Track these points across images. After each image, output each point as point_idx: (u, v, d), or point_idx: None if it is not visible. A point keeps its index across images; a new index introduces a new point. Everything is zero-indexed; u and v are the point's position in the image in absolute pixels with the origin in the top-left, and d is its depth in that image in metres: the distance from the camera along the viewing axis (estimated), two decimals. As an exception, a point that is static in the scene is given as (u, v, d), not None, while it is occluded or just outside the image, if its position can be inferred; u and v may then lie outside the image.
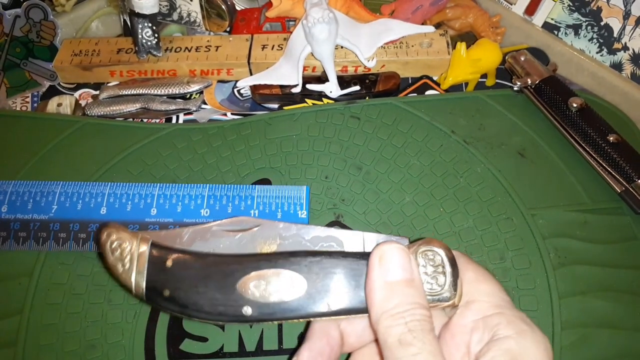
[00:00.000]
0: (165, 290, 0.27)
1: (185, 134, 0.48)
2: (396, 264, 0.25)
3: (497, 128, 0.48)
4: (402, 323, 0.23)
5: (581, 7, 0.52)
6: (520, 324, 0.24)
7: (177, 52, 0.55)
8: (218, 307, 0.27)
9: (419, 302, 0.24)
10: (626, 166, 0.42)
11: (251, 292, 0.26)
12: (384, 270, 0.25)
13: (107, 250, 0.28)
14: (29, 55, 0.56)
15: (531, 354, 0.23)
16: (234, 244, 0.29)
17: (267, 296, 0.26)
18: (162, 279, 0.27)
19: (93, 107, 0.52)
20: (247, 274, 0.26)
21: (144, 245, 0.28)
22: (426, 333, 0.23)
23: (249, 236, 0.29)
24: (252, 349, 0.38)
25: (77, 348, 0.38)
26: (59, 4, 0.59)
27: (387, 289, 0.24)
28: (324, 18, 0.48)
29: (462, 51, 0.50)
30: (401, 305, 0.24)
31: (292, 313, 0.26)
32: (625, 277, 0.39)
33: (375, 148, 0.47)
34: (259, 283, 0.26)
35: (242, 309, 0.26)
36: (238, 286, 0.26)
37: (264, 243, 0.29)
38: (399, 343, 0.23)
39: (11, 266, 0.41)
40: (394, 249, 0.25)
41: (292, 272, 0.26)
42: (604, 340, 0.37)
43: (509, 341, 0.23)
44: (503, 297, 0.26)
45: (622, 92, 0.51)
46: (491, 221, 0.42)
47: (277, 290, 0.26)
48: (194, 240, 0.29)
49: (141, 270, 0.27)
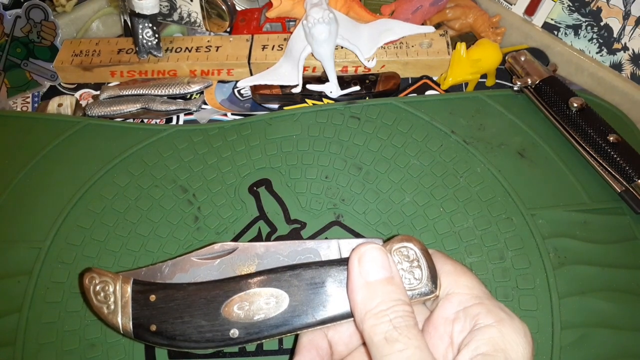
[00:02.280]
0: (152, 326, 0.28)
1: (186, 134, 0.48)
2: (375, 263, 0.25)
3: (497, 128, 0.48)
4: (386, 321, 0.24)
5: (581, 8, 0.52)
6: (500, 313, 0.25)
7: (178, 52, 0.55)
8: (205, 334, 0.27)
9: (401, 299, 0.25)
10: (626, 166, 0.42)
11: (236, 315, 0.27)
12: (363, 271, 0.25)
13: (91, 295, 0.29)
14: (30, 55, 0.56)
15: (512, 341, 0.24)
16: (213, 271, 0.29)
17: (251, 316, 0.27)
18: (148, 315, 0.28)
19: (93, 108, 0.52)
20: (230, 298, 0.27)
21: (127, 284, 0.29)
22: (411, 328, 0.23)
23: (227, 261, 0.29)
24: (252, 349, 0.38)
25: (76, 347, 0.38)
26: (59, 4, 0.59)
27: (368, 289, 0.25)
28: (324, 18, 0.48)
29: (462, 51, 0.50)
30: (384, 303, 0.24)
31: (279, 329, 0.27)
32: (625, 277, 0.39)
33: (375, 148, 0.47)
34: (242, 305, 0.27)
35: (229, 332, 0.27)
36: (222, 311, 0.27)
37: (242, 265, 0.29)
38: (385, 340, 0.23)
39: (10, 265, 0.42)
40: (371, 249, 0.26)
41: (273, 288, 0.27)
42: (604, 340, 0.37)
43: (490, 329, 0.24)
44: (482, 289, 0.27)
45: (622, 92, 0.51)
46: (491, 221, 0.42)
47: (261, 309, 0.27)
48: (175, 273, 0.29)
49: (126, 309, 0.28)
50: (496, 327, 0.24)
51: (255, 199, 0.44)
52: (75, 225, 0.43)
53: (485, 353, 0.23)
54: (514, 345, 0.24)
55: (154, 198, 0.45)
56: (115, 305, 0.28)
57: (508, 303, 0.38)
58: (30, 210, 0.45)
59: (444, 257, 0.28)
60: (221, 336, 0.27)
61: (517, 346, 0.24)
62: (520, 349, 0.24)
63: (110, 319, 0.29)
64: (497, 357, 0.23)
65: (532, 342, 0.25)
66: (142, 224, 0.43)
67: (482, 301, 0.25)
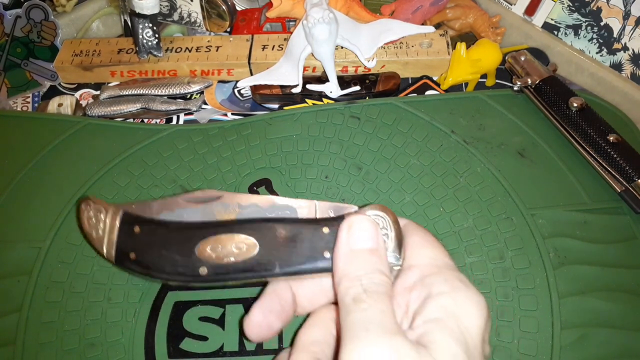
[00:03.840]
0: (132, 254, 0.30)
1: (186, 134, 0.48)
2: (362, 233, 0.26)
3: (497, 128, 0.48)
4: (358, 284, 0.24)
5: (581, 8, 0.52)
6: (456, 282, 0.25)
7: (178, 52, 0.55)
8: (178, 268, 0.29)
9: (380, 269, 0.25)
10: (626, 166, 0.42)
11: (208, 255, 0.29)
12: (351, 239, 0.26)
13: (84, 219, 0.32)
14: (30, 55, 0.56)
15: (465, 308, 0.24)
16: (197, 214, 0.31)
17: (222, 257, 0.28)
18: (130, 244, 0.31)
19: (94, 107, 0.52)
20: (205, 238, 0.29)
21: (116, 215, 0.31)
22: (380, 294, 0.24)
23: (211, 207, 0.31)
24: (252, 348, 0.38)
25: (76, 346, 0.38)
26: (59, 4, 0.59)
27: (351, 256, 0.26)
28: (324, 18, 0.48)
29: (462, 51, 0.50)
30: (362, 270, 0.25)
31: (245, 274, 0.28)
32: (625, 277, 0.39)
33: (375, 148, 0.47)
34: (215, 246, 0.29)
35: (198, 270, 0.29)
36: (196, 250, 0.29)
37: (224, 212, 0.31)
38: (353, 300, 0.24)
39: (10, 264, 0.42)
40: (362, 220, 0.26)
41: (246, 235, 0.28)
42: (604, 339, 0.37)
43: (443, 297, 0.24)
44: (445, 260, 0.27)
45: (622, 92, 0.51)
46: (491, 221, 0.42)
47: (231, 252, 0.28)
48: (161, 211, 0.31)
49: (112, 237, 0.31)
50: (449, 295, 0.24)
51: (255, 198, 0.44)
52: (75, 225, 0.43)
53: (437, 318, 0.23)
54: (466, 313, 0.24)
55: (154, 198, 0.45)
56: (102, 232, 0.31)
57: (508, 303, 0.38)
58: (30, 210, 0.45)
59: (415, 229, 0.28)
60: (191, 272, 0.29)
61: (470, 314, 0.24)
62: (473, 317, 0.24)
63: (96, 243, 0.31)
64: (449, 322, 0.23)
65: (488, 315, 0.24)
66: (142, 224, 0.43)
67: (441, 271, 0.26)
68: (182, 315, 0.39)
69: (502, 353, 0.36)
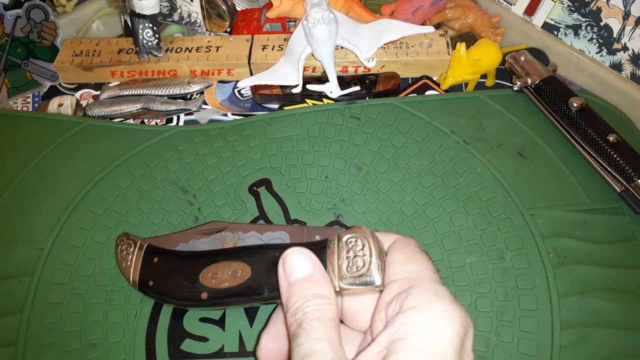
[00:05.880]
0: (150, 281, 0.35)
1: (187, 135, 0.48)
2: (294, 265, 0.27)
3: (497, 128, 0.48)
4: (294, 320, 0.25)
5: (581, 8, 0.52)
6: (429, 295, 0.24)
7: (178, 52, 0.55)
8: (184, 293, 0.33)
9: (315, 293, 0.25)
10: (626, 166, 0.42)
11: (209, 281, 0.32)
12: (286, 274, 0.27)
13: (117, 251, 0.37)
14: (30, 55, 0.56)
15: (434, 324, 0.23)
16: (206, 244, 0.37)
17: (220, 283, 0.31)
18: (149, 273, 0.35)
19: (94, 108, 0.52)
20: (208, 266, 0.32)
21: (142, 247, 0.36)
22: (314, 321, 0.24)
23: (218, 237, 0.37)
24: (252, 349, 0.38)
25: (77, 347, 0.38)
26: (59, 4, 0.59)
27: (289, 289, 0.26)
28: (324, 19, 0.48)
29: (462, 51, 0.50)
30: (298, 301, 0.25)
31: (238, 297, 0.31)
32: (624, 277, 0.39)
33: (375, 148, 0.47)
34: (216, 273, 0.32)
35: (200, 295, 0.32)
36: (200, 277, 0.32)
37: (229, 240, 0.36)
38: (292, 337, 0.24)
39: (12, 265, 0.42)
40: (291, 253, 0.27)
41: (241, 262, 0.31)
42: (604, 340, 0.37)
43: (410, 312, 0.23)
44: (426, 273, 0.26)
45: (621, 92, 0.51)
46: (491, 221, 0.42)
47: (228, 279, 0.31)
48: (179, 243, 0.37)
49: (137, 266, 0.36)
50: (417, 310, 0.23)
51: (255, 199, 0.45)
52: (76, 227, 0.43)
53: (399, 337, 0.22)
54: (435, 327, 0.22)
55: (155, 200, 0.45)
56: (130, 262, 0.36)
57: (508, 303, 0.38)
58: (31, 211, 0.45)
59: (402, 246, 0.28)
60: (195, 297, 0.32)
61: (439, 328, 0.22)
62: (441, 332, 0.22)
63: (125, 272, 0.37)
64: (409, 342, 0.22)
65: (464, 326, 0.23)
66: (143, 226, 0.43)
67: (417, 284, 0.25)
68: (183, 316, 0.39)
69: (502, 353, 0.37)
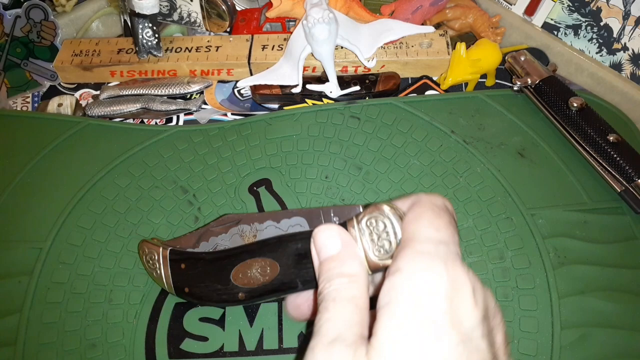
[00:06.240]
0: (186, 288, 0.35)
1: (186, 135, 0.48)
2: (323, 243, 0.27)
3: (497, 128, 0.48)
4: (320, 300, 0.25)
5: (581, 8, 0.52)
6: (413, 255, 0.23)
7: (178, 52, 0.55)
8: (222, 296, 0.34)
9: (339, 272, 0.25)
10: (626, 166, 0.42)
11: (241, 280, 0.33)
12: (317, 252, 0.27)
13: (144, 262, 0.37)
14: (30, 55, 0.56)
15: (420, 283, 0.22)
16: (226, 240, 0.37)
17: (252, 282, 0.32)
18: (182, 280, 0.35)
19: (93, 107, 0.52)
20: (235, 266, 0.33)
21: (166, 254, 0.36)
22: (333, 301, 0.24)
23: (236, 230, 0.37)
24: (252, 348, 0.38)
25: (77, 347, 0.38)
26: (59, 4, 0.59)
27: (320, 269, 0.26)
28: (324, 18, 0.48)
29: (462, 51, 0.50)
30: (322, 282, 0.25)
31: (274, 293, 0.32)
32: (625, 276, 0.39)
33: (375, 148, 0.47)
34: (245, 272, 0.32)
35: (237, 295, 0.33)
36: (231, 277, 0.33)
37: (246, 234, 0.36)
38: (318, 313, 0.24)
39: (11, 265, 0.42)
40: (319, 231, 0.27)
41: (266, 258, 0.31)
42: (604, 339, 0.37)
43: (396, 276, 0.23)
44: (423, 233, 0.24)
45: (621, 92, 0.51)
46: (491, 221, 0.42)
47: (258, 276, 0.32)
48: (200, 241, 0.37)
49: (167, 274, 0.35)
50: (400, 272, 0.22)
51: (255, 198, 0.45)
52: (76, 226, 0.43)
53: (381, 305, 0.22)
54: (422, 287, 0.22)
55: (155, 199, 0.45)
56: (159, 271, 0.36)
57: (508, 303, 0.38)
58: (30, 211, 0.45)
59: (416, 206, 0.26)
60: (233, 298, 0.33)
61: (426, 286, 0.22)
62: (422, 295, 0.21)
63: (159, 282, 0.36)
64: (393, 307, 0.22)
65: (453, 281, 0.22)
66: (142, 225, 0.43)
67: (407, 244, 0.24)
68: (183, 316, 0.39)
69: (502, 353, 0.36)
